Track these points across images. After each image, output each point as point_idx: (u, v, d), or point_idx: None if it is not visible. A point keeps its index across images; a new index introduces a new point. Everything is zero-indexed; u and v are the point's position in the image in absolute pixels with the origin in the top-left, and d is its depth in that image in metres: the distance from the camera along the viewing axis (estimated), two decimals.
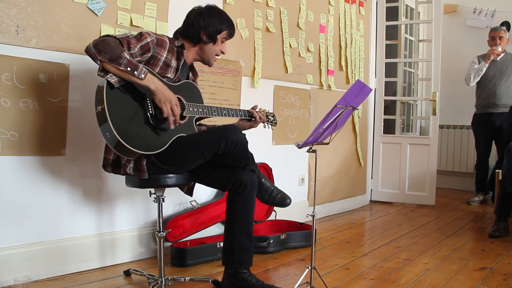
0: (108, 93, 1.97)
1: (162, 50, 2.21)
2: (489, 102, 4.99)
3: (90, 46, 1.97)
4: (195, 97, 2.37)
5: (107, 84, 1.98)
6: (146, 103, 2.10)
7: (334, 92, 4.42)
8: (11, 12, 2.23)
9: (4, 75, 2.25)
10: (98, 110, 1.98)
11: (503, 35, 4.94)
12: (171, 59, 2.26)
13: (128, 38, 2.07)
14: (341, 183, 4.62)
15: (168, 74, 2.24)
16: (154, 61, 2.19)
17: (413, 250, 3.20)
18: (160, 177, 2.18)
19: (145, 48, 2.12)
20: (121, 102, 2.03)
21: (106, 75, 1.97)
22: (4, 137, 2.26)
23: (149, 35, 2.16)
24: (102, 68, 1.98)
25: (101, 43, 1.96)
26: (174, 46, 2.29)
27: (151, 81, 2.04)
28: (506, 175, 3.63)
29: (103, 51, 1.95)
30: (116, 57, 1.95)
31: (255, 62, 3.53)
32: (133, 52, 2.06)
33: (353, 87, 2.11)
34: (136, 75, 1.99)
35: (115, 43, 1.99)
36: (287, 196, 2.46)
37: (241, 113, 2.49)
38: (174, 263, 2.78)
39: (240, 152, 2.17)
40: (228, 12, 3.25)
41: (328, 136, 2.27)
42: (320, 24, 4.22)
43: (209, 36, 2.33)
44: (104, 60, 1.95)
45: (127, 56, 1.99)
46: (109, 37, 2.02)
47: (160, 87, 2.05)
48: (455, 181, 6.10)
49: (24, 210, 2.36)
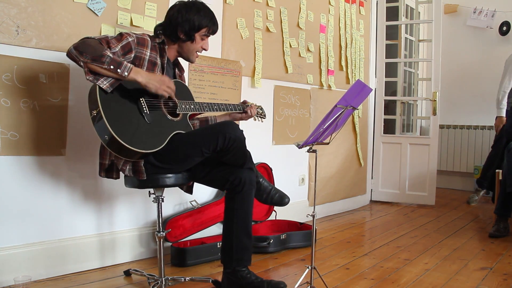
0: (102, 97, 1.98)
1: (145, 48, 2.21)
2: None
3: (70, 49, 1.96)
4: (185, 94, 2.37)
5: (100, 89, 1.98)
6: (140, 103, 2.11)
7: (334, 92, 4.42)
8: (11, 12, 2.23)
9: (4, 75, 2.25)
10: (93, 114, 1.98)
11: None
12: (155, 56, 2.26)
13: (107, 38, 2.06)
14: (341, 183, 4.62)
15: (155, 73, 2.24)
16: (139, 61, 2.18)
17: (413, 250, 3.20)
18: (159, 177, 2.18)
19: (126, 48, 2.12)
20: (115, 104, 2.03)
21: (96, 81, 1.97)
22: (4, 137, 2.26)
23: (129, 35, 2.16)
24: (87, 70, 1.96)
25: (81, 45, 1.96)
26: (155, 43, 2.28)
27: (137, 74, 2.04)
28: (506, 175, 3.63)
29: (85, 51, 1.94)
30: (98, 56, 1.94)
31: (255, 62, 3.53)
32: (114, 52, 2.05)
33: (353, 87, 2.11)
34: (119, 73, 1.98)
35: (95, 43, 1.99)
36: (286, 195, 2.46)
37: (231, 107, 2.51)
38: (174, 263, 2.78)
39: (238, 148, 2.18)
40: (228, 12, 3.28)
41: (328, 136, 2.27)
42: (320, 24, 4.22)
43: (186, 34, 2.29)
44: (87, 61, 1.94)
45: (109, 54, 1.98)
46: (88, 39, 2.02)
47: (147, 77, 2.07)
48: (455, 181, 6.09)
49: (24, 210, 2.36)
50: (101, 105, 1.95)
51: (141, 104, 2.11)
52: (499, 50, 5.84)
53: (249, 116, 2.56)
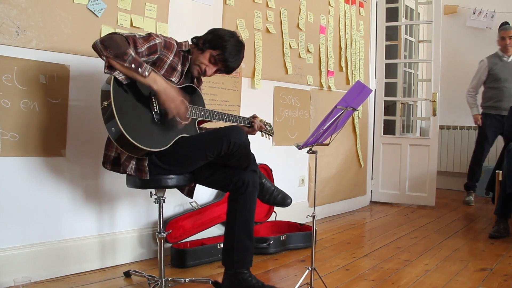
0: (115, 89, 1.99)
1: (169, 53, 2.22)
2: (501, 104, 4.88)
3: (97, 42, 1.98)
4: (197, 100, 2.37)
5: (114, 81, 1.99)
6: (151, 101, 2.11)
7: (334, 93, 4.42)
8: (11, 13, 2.23)
9: (5, 76, 2.25)
10: (104, 105, 1.98)
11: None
12: (177, 62, 2.26)
13: (135, 37, 2.06)
14: (341, 184, 4.62)
15: (172, 78, 2.24)
16: (160, 63, 2.19)
17: (413, 251, 3.20)
18: (161, 178, 2.18)
19: (152, 49, 2.12)
20: (127, 99, 2.04)
21: (113, 72, 1.98)
22: (5, 138, 2.26)
23: (157, 36, 2.16)
24: (108, 64, 1.98)
25: (107, 40, 1.97)
26: (181, 50, 2.29)
27: (154, 81, 2.03)
28: (507, 175, 3.63)
29: (109, 47, 1.95)
30: (121, 53, 1.95)
31: (255, 63, 3.53)
32: (139, 51, 2.06)
33: (353, 88, 2.11)
34: (139, 73, 1.98)
35: (121, 40, 2.00)
36: (288, 196, 2.47)
37: (241, 120, 2.50)
38: (174, 264, 2.78)
39: (243, 153, 2.18)
40: (228, 13, 3.29)
41: (328, 137, 2.27)
42: (320, 25, 4.22)
43: (203, 43, 2.32)
44: (110, 56, 1.95)
45: (132, 53, 1.99)
46: (116, 35, 2.02)
47: (163, 87, 2.05)
48: (455, 182, 6.09)
49: (24, 211, 2.36)
50: (113, 97, 1.96)
51: (153, 103, 2.12)
52: None
53: (255, 130, 2.56)
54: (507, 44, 4.79)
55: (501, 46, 4.89)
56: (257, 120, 2.56)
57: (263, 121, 2.64)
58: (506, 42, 4.80)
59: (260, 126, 2.57)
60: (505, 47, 4.83)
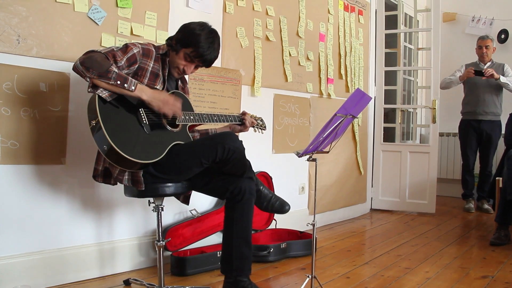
0: (101, 107, 1.98)
1: (149, 60, 2.21)
2: (478, 110, 5.12)
3: (77, 64, 1.97)
4: (185, 106, 2.36)
5: (99, 99, 1.98)
6: (139, 113, 2.11)
7: (334, 100, 4.43)
8: (12, 21, 2.24)
9: (5, 84, 2.25)
10: (92, 124, 1.98)
11: (490, 44, 5.11)
12: (158, 68, 2.26)
13: (113, 52, 2.06)
14: (342, 191, 4.62)
15: (156, 86, 2.23)
16: (141, 72, 2.19)
17: (414, 259, 3.19)
18: (159, 186, 2.18)
19: (131, 60, 2.12)
20: (115, 115, 2.03)
21: (96, 90, 1.98)
22: (5, 145, 2.26)
23: (134, 46, 2.16)
24: (92, 84, 1.98)
25: (88, 60, 1.97)
26: (158, 54, 2.28)
27: (141, 91, 2.05)
28: (507, 182, 3.62)
29: (91, 67, 1.95)
30: (104, 71, 1.95)
31: (255, 71, 3.54)
32: (120, 65, 2.06)
33: (353, 95, 2.11)
34: (126, 88, 1.99)
35: (101, 59, 1.99)
36: (286, 203, 2.45)
37: (231, 119, 2.50)
38: (174, 272, 2.77)
39: (238, 159, 2.17)
40: (228, 21, 3.30)
41: (328, 145, 2.27)
42: (319, 33, 4.24)
43: (176, 43, 2.26)
44: (93, 77, 1.95)
45: (115, 69, 1.99)
46: (94, 53, 2.02)
47: (151, 95, 2.07)
48: (456, 189, 6.08)
49: (23, 219, 2.36)
50: (100, 115, 1.95)
51: (141, 115, 2.11)
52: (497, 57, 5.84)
53: (247, 127, 2.56)
54: (483, 52, 5.12)
55: (478, 55, 5.20)
56: (247, 117, 2.56)
57: (254, 116, 2.63)
58: (483, 51, 5.12)
59: (252, 122, 2.57)
60: (481, 55, 5.16)
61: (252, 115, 2.61)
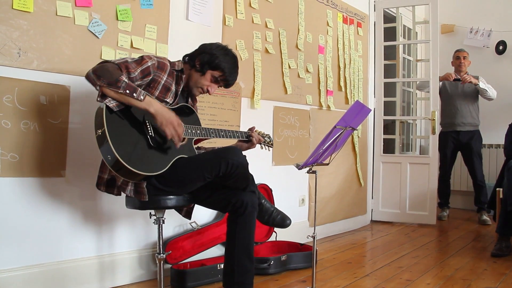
0: (108, 117, 1.99)
1: (163, 73, 2.22)
2: (455, 120, 5.23)
3: (89, 73, 1.99)
4: (193, 120, 2.37)
5: (106, 108, 1.99)
6: (145, 125, 2.11)
7: (334, 112, 4.44)
8: (13, 34, 2.26)
9: (5, 97, 2.26)
10: (98, 133, 1.99)
11: (467, 56, 5.27)
12: (171, 82, 2.27)
13: (126, 63, 2.07)
14: (342, 203, 4.61)
15: (167, 99, 2.24)
16: (154, 84, 2.20)
17: (415, 270, 3.18)
18: (161, 199, 2.17)
19: (145, 71, 2.13)
20: (121, 125, 2.04)
21: (104, 99, 1.99)
22: (5, 158, 2.26)
23: (150, 58, 2.17)
24: (101, 93, 1.99)
25: (99, 69, 1.98)
26: (174, 69, 2.30)
27: (150, 104, 2.04)
28: (507, 193, 3.61)
29: (102, 76, 1.96)
30: (114, 81, 1.96)
31: (255, 83, 3.55)
32: (133, 76, 2.07)
33: (352, 108, 2.12)
34: (135, 97, 1.99)
35: (113, 68, 2.01)
36: (287, 217, 2.46)
37: (239, 135, 2.50)
38: (174, 285, 2.75)
39: (241, 174, 2.17)
40: (228, 34, 3.32)
41: (328, 157, 2.28)
42: (318, 45, 4.26)
43: (201, 65, 2.32)
44: (103, 85, 1.96)
45: (125, 79, 2.00)
46: (107, 63, 2.04)
47: (159, 110, 2.06)
48: (456, 200, 6.07)
49: (23, 231, 2.35)
50: (106, 125, 1.96)
51: (147, 126, 2.12)
52: (495, 68, 5.90)
53: (254, 144, 2.56)
54: (461, 63, 5.25)
55: (455, 66, 5.33)
56: (255, 134, 2.56)
57: (262, 133, 2.63)
58: (460, 61, 5.25)
59: (259, 139, 2.57)
60: (459, 65, 5.28)
61: (259, 132, 2.61)
